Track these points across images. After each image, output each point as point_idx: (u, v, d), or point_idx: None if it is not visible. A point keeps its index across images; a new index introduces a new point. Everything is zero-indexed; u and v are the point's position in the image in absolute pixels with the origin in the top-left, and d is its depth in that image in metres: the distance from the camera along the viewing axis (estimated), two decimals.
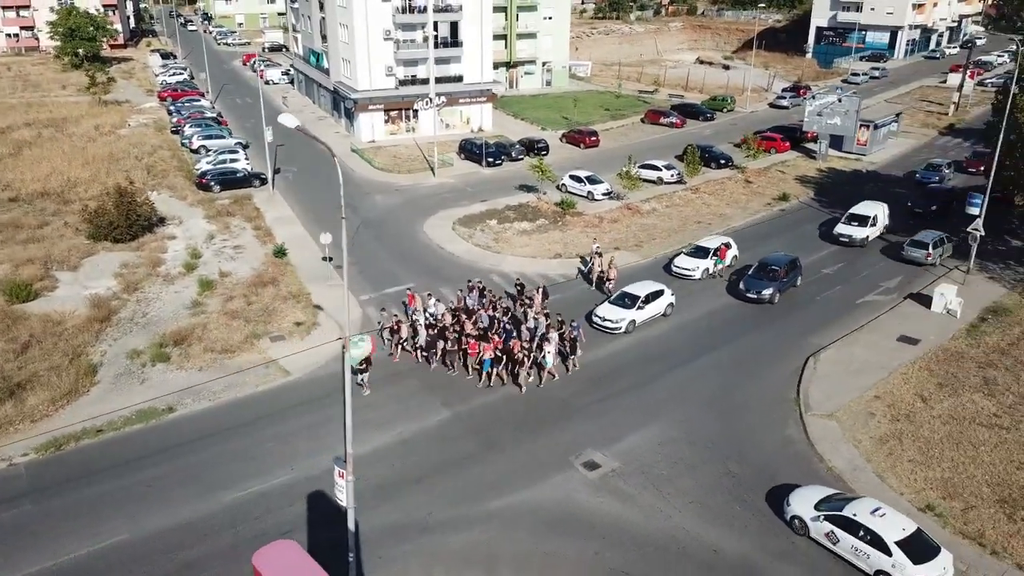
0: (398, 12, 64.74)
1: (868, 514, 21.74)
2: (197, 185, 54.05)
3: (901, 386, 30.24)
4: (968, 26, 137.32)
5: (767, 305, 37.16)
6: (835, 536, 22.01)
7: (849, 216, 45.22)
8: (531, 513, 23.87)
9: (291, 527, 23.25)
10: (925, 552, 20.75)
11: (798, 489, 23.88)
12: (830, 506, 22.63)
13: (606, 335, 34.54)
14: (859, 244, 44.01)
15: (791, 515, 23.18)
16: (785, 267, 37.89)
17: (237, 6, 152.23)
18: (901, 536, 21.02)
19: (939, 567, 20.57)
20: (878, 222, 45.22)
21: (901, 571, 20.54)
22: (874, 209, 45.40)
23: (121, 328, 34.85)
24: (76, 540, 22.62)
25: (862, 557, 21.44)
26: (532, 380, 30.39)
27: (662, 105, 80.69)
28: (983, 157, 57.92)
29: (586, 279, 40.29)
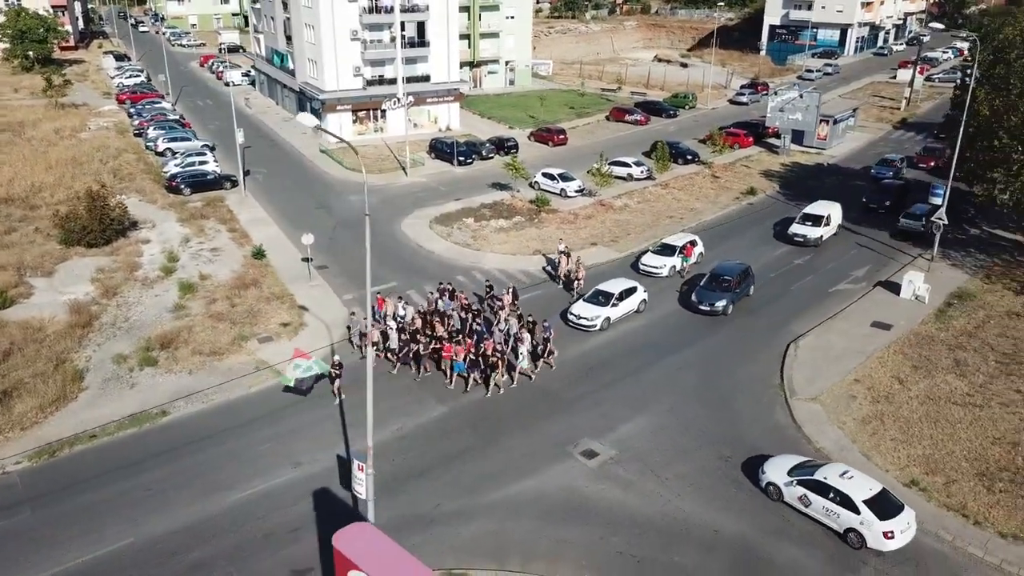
0: (364, 12, 64.72)
1: (837, 477, 23.23)
2: (167, 188, 53.41)
3: (878, 369, 31.46)
4: (913, 23, 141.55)
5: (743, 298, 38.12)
6: (807, 499, 23.41)
7: (803, 216, 45.41)
8: (535, 501, 24.39)
9: (298, 525, 23.42)
10: (890, 509, 22.30)
11: (771, 458, 25.30)
12: (802, 472, 24.06)
13: (582, 333, 34.93)
14: (813, 244, 44.27)
15: (766, 482, 24.61)
16: (738, 276, 37.14)
17: (189, 7, 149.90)
18: (868, 495, 22.49)
19: (903, 522, 22.11)
20: (832, 221, 45.53)
21: (869, 527, 22.01)
22: (828, 209, 45.71)
23: (104, 333, 34.46)
24: (79, 546, 22.50)
25: (833, 517, 22.85)
26: (504, 380, 30.15)
27: (626, 103, 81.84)
28: (934, 152, 60.04)
29: (553, 279, 40.42)
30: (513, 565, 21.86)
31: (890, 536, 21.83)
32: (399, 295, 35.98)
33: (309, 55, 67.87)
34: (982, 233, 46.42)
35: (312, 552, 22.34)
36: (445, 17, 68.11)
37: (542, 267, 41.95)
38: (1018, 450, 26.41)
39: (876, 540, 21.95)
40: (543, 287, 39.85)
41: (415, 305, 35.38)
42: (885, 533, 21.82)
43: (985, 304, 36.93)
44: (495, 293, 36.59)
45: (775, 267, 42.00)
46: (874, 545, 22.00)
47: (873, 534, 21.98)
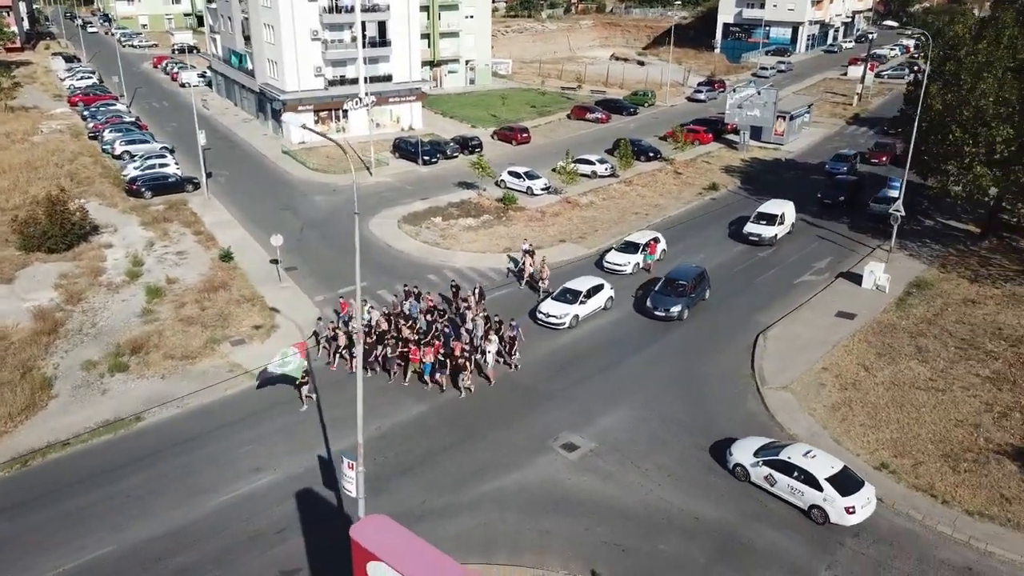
0: (325, 12, 64.25)
1: (801, 456, 24.20)
2: (127, 191, 52.53)
3: (844, 358, 32.39)
4: (860, 21, 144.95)
5: (716, 284, 38.75)
6: (773, 478, 24.31)
7: (758, 215, 45.40)
8: (519, 495, 24.68)
9: (284, 526, 23.39)
10: (851, 485, 23.29)
11: (738, 440, 26.16)
12: (767, 452, 24.98)
13: (552, 331, 35.06)
14: (768, 243, 44.41)
15: (733, 463, 25.44)
16: (693, 280, 36.63)
17: (139, 7, 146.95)
18: (830, 473, 23.45)
19: (863, 497, 23.09)
20: (785, 220, 45.65)
21: (831, 503, 22.96)
22: (781, 207, 45.85)
23: (71, 340, 33.84)
24: (60, 554, 22.19)
25: (797, 495, 23.80)
26: (472, 382, 29.89)
27: (586, 101, 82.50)
28: (885, 148, 61.66)
29: (518, 278, 40.39)
30: (501, 558, 22.13)
31: (851, 511, 22.86)
32: (363, 298, 35.69)
33: (269, 55, 67.18)
34: (936, 224, 47.93)
35: (299, 552, 22.36)
36: (406, 16, 67.97)
37: (506, 268, 41.96)
38: (979, 431, 27.45)
39: (839, 515, 22.98)
40: (511, 286, 40.00)
41: (380, 308, 35.11)
42: (847, 508, 22.82)
43: (942, 292, 38.19)
44: (462, 294, 36.40)
45: (740, 261, 42.89)
46: (837, 520, 23.01)
47: (836, 510, 22.97)
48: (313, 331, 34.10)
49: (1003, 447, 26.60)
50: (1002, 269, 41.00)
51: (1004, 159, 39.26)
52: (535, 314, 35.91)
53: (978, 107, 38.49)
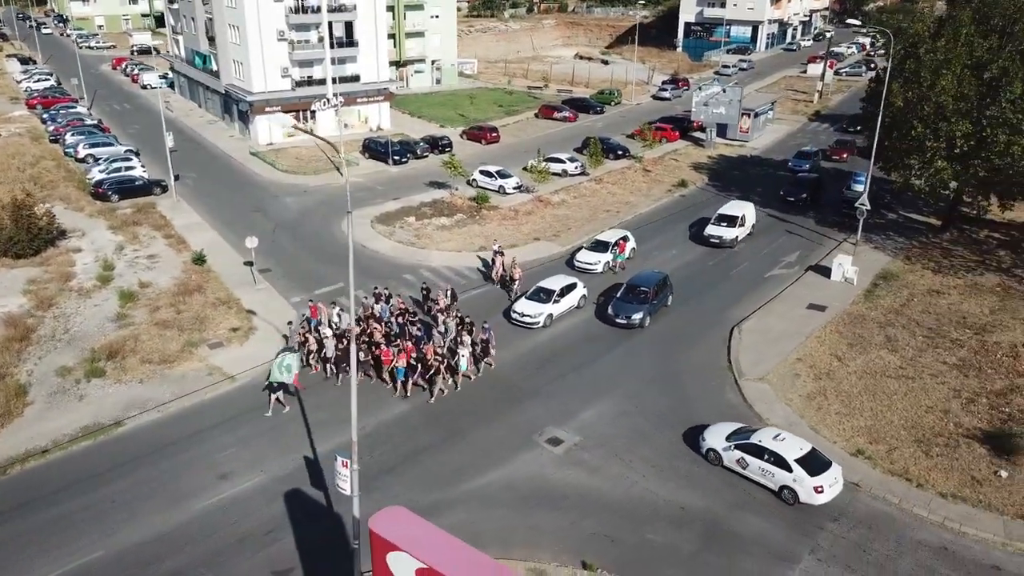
0: (291, 12, 63.80)
1: (771, 439, 25.10)
2: (93, 195, 51.71)
3: (817, 348, 33.20)
4: (817, 20, 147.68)
5: (689, 278, 39.40)
6: (745, 461, 25.16)
7: (718, 217, 45.08)
8: (506, 490, 24.95)
9: (273, 527, 23.39)
10: (819, 466, 24.20)
11: (710, 426, 27.01)
12: (739, 437, 25.86)
13: (528, 329, 35.11)
14: (729, 245, 44.11)
15: (706, 448, 26.25)
16: (655, 287, 36.03)
17: (95, 7, 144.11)
18: (799, 455, 24.38)
19: (831, 477, 24.00)
20: (746, 221, 45.39)
21: (801, 483, 23.86)
22: (742, 209, 45.60)
23: (44, 346, 33.32)
24: (48, 560, 21.97)
25: (768, 476, 24.67)
26: (449, 385, 30.04)
27: (553, 100, 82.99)
28: (846, 145, 62.95)
29: (487, 279, 40.35)
30: (492, 552, 22.17)
31: (820, 490, 23.76)
32: (333, 301, 35.25)
33: (234, 56, 66.49)
34: (899, 217, 49.21)
35: (291, 552, 22.39)
36: (373, 16, 67.77)
37: (477, 268, 41.98)
38: (949, 417, 28.38)
39: (808, 495, 23.84)
40: (483, 287, 40.02)
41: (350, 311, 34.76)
42: (815, 488, 23.71)
43: (908, 283, 39.28)
44: (432, 296, 36.27)
45: (712, 256, 43.60)
46: (807, 500, 23.86)
47: (805, 489, 23.84)
48: (283, 335, 33.77)
49: (972, 431, 27.54)
50: (963, 260, 42.27)
51: (963, 153, 40.44)
52: (509, 314, 36.02)
53: (938, 103, 39.61)
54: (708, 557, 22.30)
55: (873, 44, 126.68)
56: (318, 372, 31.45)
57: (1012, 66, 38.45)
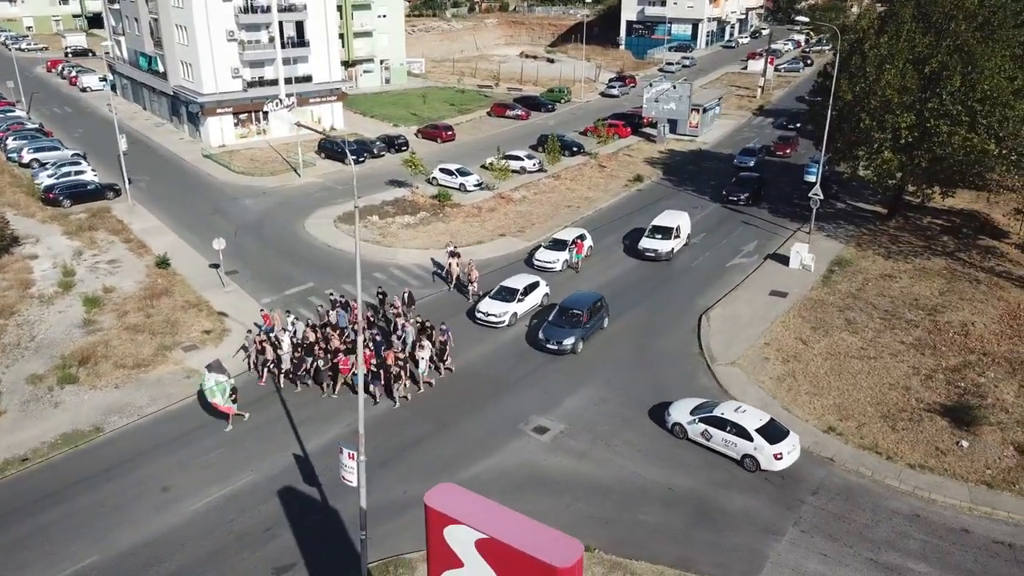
0: (240, 12, 63.01)
1: (732, 412, 26.60)
2: (43, 200, 50.36)
3: (783, 333, 34.55)
4: (753, 18, 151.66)
5: (655, 270, 40.36)
6: (708, 434, 26.56)
7: (652, 229, 43.05)
8: (499, 479, 25.48)
9: (271, 524, 23.48)
10: (777, 435, 25.83)
11: (675, 402, 28.39)
12: (702, 411, 27.25)
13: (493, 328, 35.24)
14: (664, 258, 42.13)
15: (672, 423, 27.60)
16: (589, 309, 33.90)
17: (23, 8, 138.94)
18: (759, 425, 25.96)
19: (789, 445, 25.65)
20: (681, 232, 43.55)
21: (761, 452, 25.45)
22: (676, 219, 43.69)
23: (10, 354, 32.55)
24: (40, 569, 21.70)
25: (731, 446, 26.13)
26: (410, 388, 29.80)
27: (504, 99, 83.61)
28: (789, 141, 64.63)
29: (445, 281, 39.93)
30: None
31: (779, 457, 25.30)
32: (287, 309, 34.56)
33: (182, 57, 65.34)
34: (847, 207, 51.25)
35: (291, 548, 22.53)
36: (324, 16, 67.37)
37: (432, 271, 41.34)
38: (911, 393, 29.94)
39: (768, 462, 25.37)
40: (438, 288, 39.57)
41: (305, 318, 34.05)
42: (775, 455, 25.27)
43: (861, 269, 41.07)
44: (389, 300, 35.65)
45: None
46: (767, 466, 25.41)
47: (765, 457, 25.37)
48: (242, 345, 32.98)
49: (932, 405, 29.12)
50: (910, 246, 44.34)
51: (908, 144, 42.41)
52: (474, 313, 35.94)
53: (884, 96, 41.44)
54: (699, 533, 23.21)
55: (808, 41, 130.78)
56: (266, 383, 30.58)
57: (951, 61, 40.47)
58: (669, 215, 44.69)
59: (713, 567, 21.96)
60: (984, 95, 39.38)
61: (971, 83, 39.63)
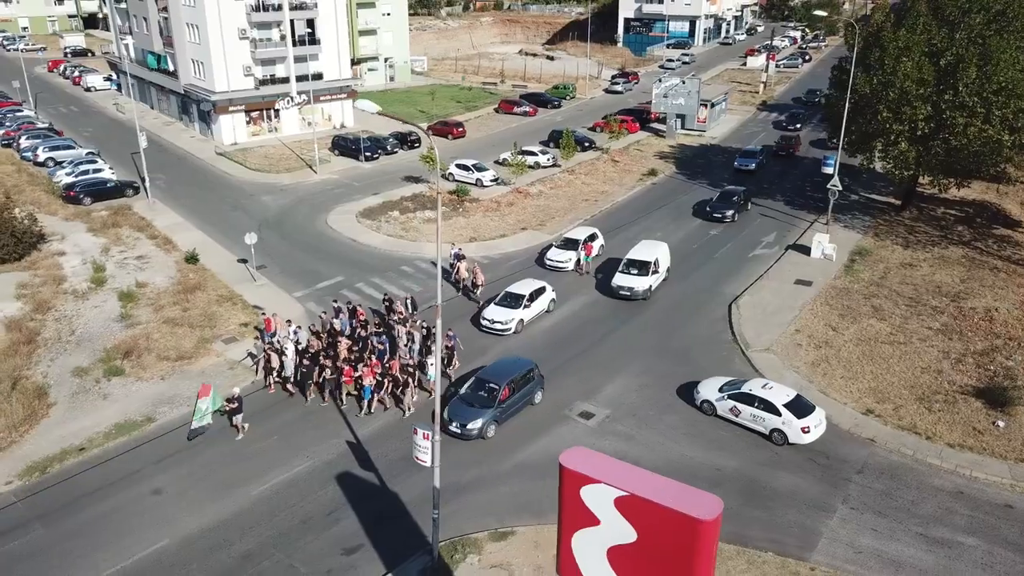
0: (252, 10, 63.27)
1: (760, 388, 27.60)
2: (64, 198, 50.51)
3: (812, 320, 35.24)
4: (748, 15, 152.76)
5: (680, 261, 40.83)
6: (737, 410, 27.55)
7: (627, 263, 38.15)
8: (551, 462, 25.46)
9: (333, 508, 23.95)
10: (804, 409, 26.80)
11: (703, 380, 29.40)
12: (730, 388, 28.26)
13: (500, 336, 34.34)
14: (641, 297, 37.27)
15: (701, 400, 28.61)
16: (510, 383, 27.92)
17: (18, 8, 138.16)
18: (787, 400, 26.93)
19: (816, 419, 26.64)
20: (660, 266, 38.51)
21: (789, 426, 26.41)
22: (654, 251, 38.63)
23: (52, 348, 32.83)
24: (112, 553, 22.08)
25: (759, 421, 27.10)
26: (418, 398, 28.92)
27: (510, 95, 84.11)
28: (791, 141, 63.02)
29: (454, 285, 38.71)
30: (552, 518, 23.33)
31: (806, 430, 26.24)
32: (288, 319, 33.05)
33: (193, 56, 65.51)
34: (860, 198, 52.06)
35: (356, 530, 23.00)
36: (334, 14, 67.72)
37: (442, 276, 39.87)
38: (943, 376, 30.67)
39: (796, 435, 26.35)
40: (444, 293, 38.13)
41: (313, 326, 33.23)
42: (803, 428, 26.23)
43: (882, 258, 41.85)
44: (394, 307, 34.08)
45: (695, 239, 45.45)
46: (795, 440, 26.36)
47: (793, 430, 26.33)
48: (248, 352, 32.60)
49: (965, 388, 29.86)
50: (927, 235, 45.18)
51: (924, 136, 43.21)
52: (479, 320, 34.95)
53: (902, 88, 42.20)
54: (750, 512, 23.81)
55: (803, 37, 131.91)
56: (274, 392, 29.99)
57: (967, 53, 41.26)
58: (645, 246, 39.37)
59: (769, 543, 22.58)
60: (1000, 87, 40.20)
61: (987, 75, 40.43)
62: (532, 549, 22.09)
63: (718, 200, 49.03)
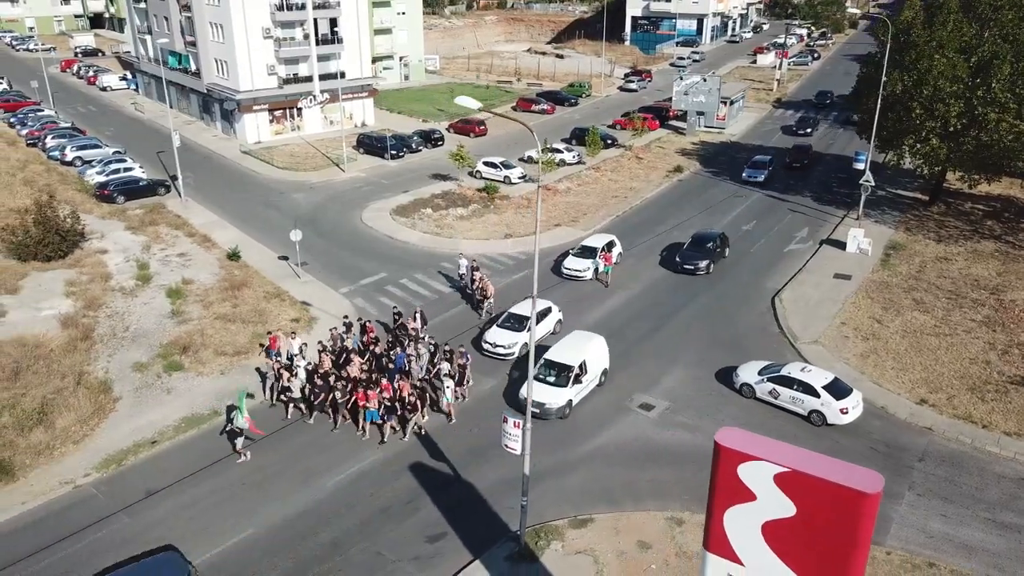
0: (276, 10, 63.58)
1: (799, 371, 28.56)
2: (98, 197, 50.77)
3: (856, 313, 35.78)
4: (753, 13, 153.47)
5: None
6: (776, 392, 28.55)
7: (545, 364, 29.06)
8: (618, 451, 26.49)
9: (411, 497, 24.36)
10: (843, 391, 27.77)
11: (742, 365, 30.41)
12: (769, 371, 29.26)
13: None
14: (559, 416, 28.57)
15: (740, 383, 29.64)
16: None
17: (25, 8, 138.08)
18: (825, 382, 27.85)
19: (853, 400, 27.58)
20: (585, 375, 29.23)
21: (828, 407, 27.37)
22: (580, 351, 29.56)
23: (109, 344, 33.14)
24: (200, 543, 22.42)
25: (798, 403, 28.05)
26: (427, 421, 27.80)
27: (525, 94, 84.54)
28: (806, 151, 59.74)
29: (468, 298, 37.71)
30: (626, 505, 23.91)
31: (845, 412, 27.25)
32: (292, 332, 32.07)
33: (217, 55, 65.78)
34: (886, 193, 52.65)
35: (437, 518, 23.44)
36: (356, 13, 68.07)
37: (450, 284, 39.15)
38: (991, 367, 31.23)
39: (834, 416, 27.29)
40: (457, 305, 37.32)
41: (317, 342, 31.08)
42: (841, 410, 27.21)
43: (916, 252, 42.45)
44: (403, 321, 32.77)
45: (730, 232, 45.71)
46: (833, 421, 27.30)
47: (832, 411, 27.29)
48: (256, 368, 31.18)
49: (1015, 378, 30.42)
50: (958, 230, 45.79)
51: (955, 131, 43.78)
52: (480, 343, 32.89)
53: (936, 86, 42.76)
54: None
55: (810, 35, 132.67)
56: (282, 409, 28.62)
57: (1000, 50, 41.84)
58: (574, 339, 30.82)
59: None
60: None
61: (1020, 71, 41.01)
62: (613, 536, 22.54)
63: (690, 248, 40.79)
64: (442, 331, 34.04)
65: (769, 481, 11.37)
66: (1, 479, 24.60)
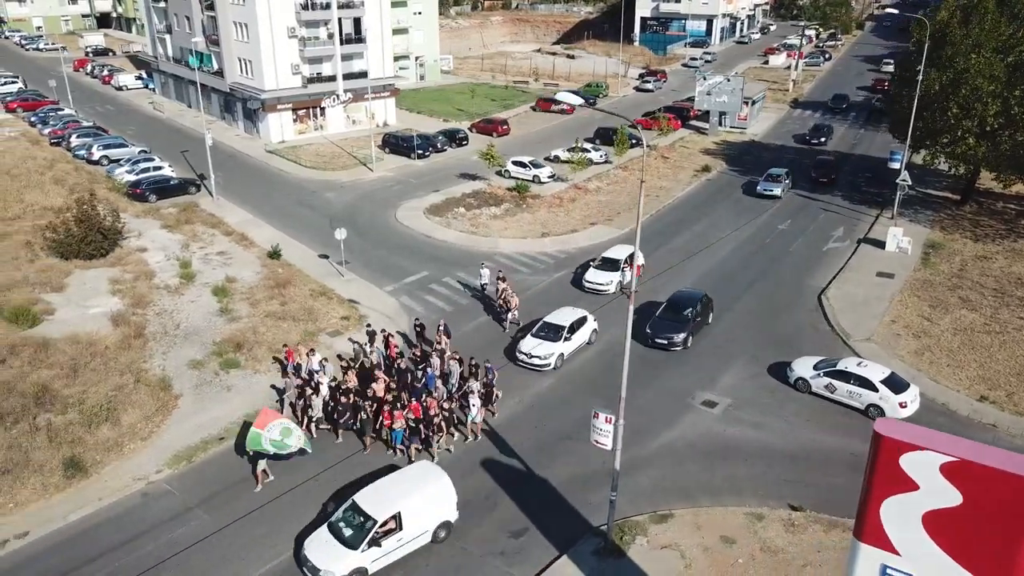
0: (301, 9, 63.54)
1: (855, 366, 28.81)
2: (130, 196, 50.64)
3: (905, 311, 35.91)
4: (759, 14, 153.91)
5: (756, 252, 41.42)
6: (833, 386, 28.77)
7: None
8: (688, 448, 26.55)
9: (487, 493, 24.38)
10: (901, 385, 28.10)
11: (795, 360, 30.59)
12: (825, 365, 29.48)
13: None
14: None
15: (795, 378, 29.84)
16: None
17: (32, 8, 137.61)
18: (883, 377, 28.23)
19: (912, 395, 27.94)
20: None
21: (887, 401, 27.65)
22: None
23: (162, 342, 33.09)
24: (285, 537, 22.49)
25: (855, 397, 28.33)
26: (456, 440, 26.97)
27: (544, 94, 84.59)
28: (828, 165, 56.29)
29: (489, 308, 36.57)
30: (704, 502, 23.96)
31: (904, 405, 27.47)
32: (311, 348, 30.51)
33: (240, 54, 65.70)
34: (917, 193, 52.83)
35: (516, 513, 23.46)
36: (379, 12, 68.07)
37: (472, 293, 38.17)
38: None
39: (893, 410, 27.51)
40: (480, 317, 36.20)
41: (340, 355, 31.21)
42: (900, 404, 27.48)
43: (956, 251, 42.63)
44: (426, 335, 32.12)
45: (767, 233, 46.13)
46: (891, 414, 27.33)
47: (890, 405, 27.56)
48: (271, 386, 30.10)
49: None
50: (993, 229, 46.02)
51: (991, 131, 43.98)
52: (514, 354, 31.78)
53: (974, 86, 42.94)
54: None
55: (818, 35, 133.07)
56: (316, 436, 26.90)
57: None
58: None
59: None
60: None
61: None
62: (695, 531, 22.59)
63: (664, 315, 33.80)
64: (464, 344, 32.13)
65: (934, 471, 11.42)
66: (76, 475, 24.57)
